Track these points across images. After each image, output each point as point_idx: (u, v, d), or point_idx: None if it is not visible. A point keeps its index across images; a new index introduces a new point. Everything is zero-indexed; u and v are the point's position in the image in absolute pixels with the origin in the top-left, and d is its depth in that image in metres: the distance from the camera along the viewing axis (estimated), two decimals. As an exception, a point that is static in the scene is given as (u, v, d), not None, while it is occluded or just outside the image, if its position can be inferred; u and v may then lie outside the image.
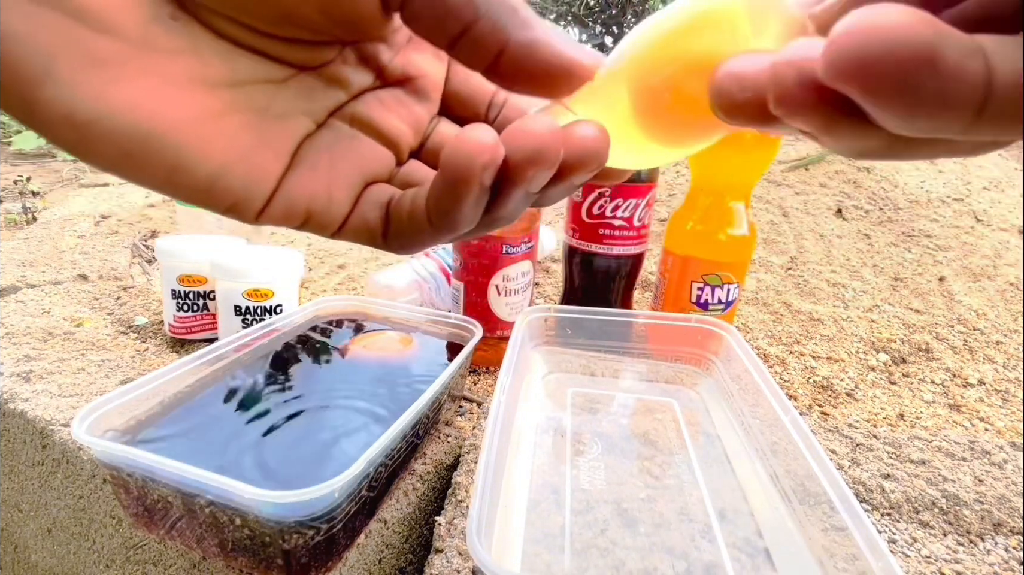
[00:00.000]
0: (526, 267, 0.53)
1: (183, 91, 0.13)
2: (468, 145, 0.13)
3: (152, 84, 0.13)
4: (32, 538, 0.49)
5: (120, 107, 0.12)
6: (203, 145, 0.14)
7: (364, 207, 0.17)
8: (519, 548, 0.29)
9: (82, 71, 0.12)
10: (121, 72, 0.12)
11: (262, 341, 0.46)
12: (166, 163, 0.14)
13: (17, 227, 1.01)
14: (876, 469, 0.42)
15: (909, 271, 0.75)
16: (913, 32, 0.09)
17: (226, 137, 0.14)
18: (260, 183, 0.15)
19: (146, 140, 0.13)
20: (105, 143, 0.13)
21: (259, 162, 0.15)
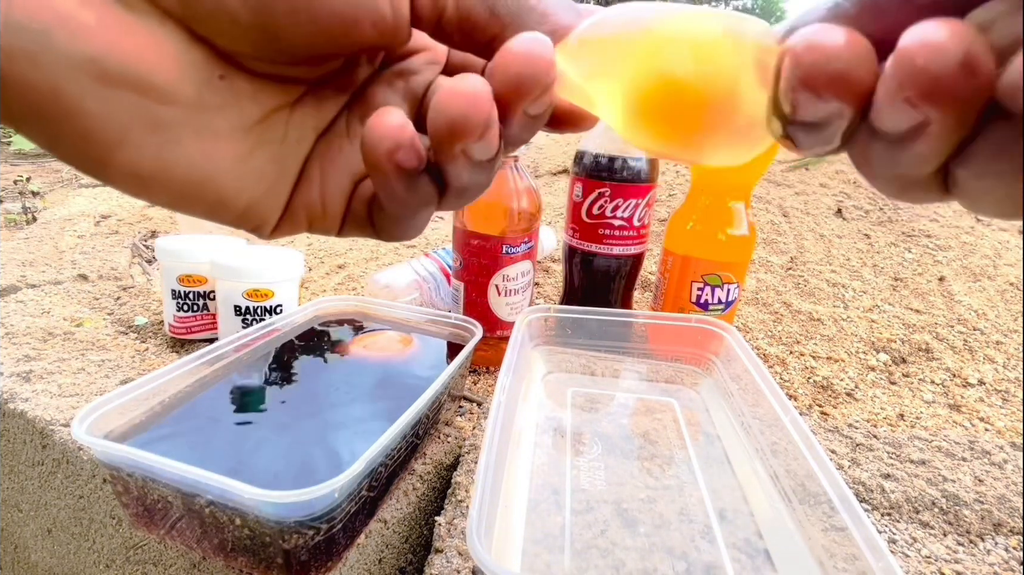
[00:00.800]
0: (526, 267, 0.53)
1: (226, 141, 0.15)
2: (373, 133, 0.14)
3: (203, 141, 0.15)
4: (32, 538, 0.49)
5: (177, 163, 0.14)
6: (239, 184, 0.16)
7: (356, 205, 0.18)
8: (519, 548, 0.29)
9: (148, 136, 0.14)
10: (179, 133, 0.14)
11: (262, 341, 0.46)
12: (210, 201, 0.16)
13: (17, 227, 1.01)
14: (876, 469, 0.42)
15: (909, 271, 0.75)
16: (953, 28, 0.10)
17: (257, 173, 0.16)
18: (277, 207, 0.17)
19: (196, 186, 0.15)
20: (162, 191, 0.15)
21: (279, 190, 0.17)
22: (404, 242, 0.91)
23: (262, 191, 0.16)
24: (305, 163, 0.17)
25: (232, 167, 0.15)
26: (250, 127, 0.16)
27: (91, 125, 0.13)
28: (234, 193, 0.16)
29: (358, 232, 0.18)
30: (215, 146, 0.15)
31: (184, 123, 0.14)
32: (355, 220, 0.18)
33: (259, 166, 0.16)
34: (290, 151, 0.17)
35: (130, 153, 0.14)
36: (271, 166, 0.16)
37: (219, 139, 0.15)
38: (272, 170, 0.16)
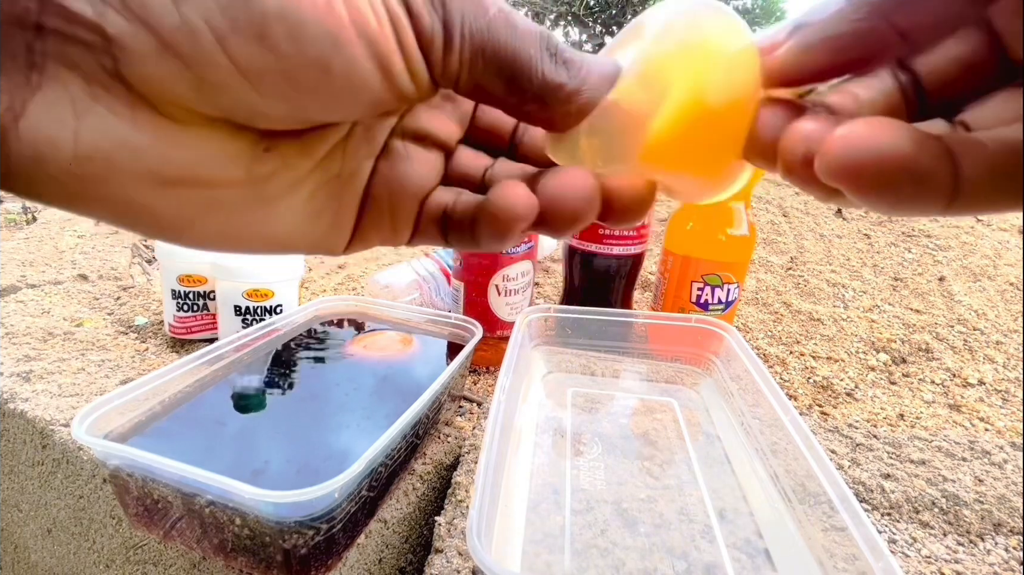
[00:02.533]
0: (526, 267, 0.53)
1: (282, 200, 0.16)
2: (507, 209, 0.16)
3: (259, 208, 0.16)
4: (32, 538, 0.49)
5: (242, 230, 0.16)
6: (303, 229, 0.17)
7: (424, 224, 0.19)
8: (519, 548, 0.29)
9: (211, 216, 0.15)
10: (237, 207, 0.16)
11: (262, 341, 0.46)
12: (278, 247, 0.17)
13: (17, 227, 1.01)
14: (876, 469, 0.42)
15: (909, 271, 0.75)
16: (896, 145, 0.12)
17: (317, 214, 0.17)
18: (343, 235, 0.18)
19: (262, 242, 0.17)
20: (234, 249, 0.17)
21: (341, 220, 0.18)
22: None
23: (325, 227, 0.18)
24: (368, 188, 0.18)
25: (292, 218, 0.17)
26: (305, 177, 0.17)
27: (160, 217, 0.15)
28: (299, 237, 0.17)
29: (427, 242, 0.19)
30: (273, 207, 0.16)
31: (241, 199, 0.16)
32: (426, 234, 0.19)
33: (318, 207, 0.17)
34: (348, 183, 0.18)
35: (197, 231, 0.15)
36: (330, 203, 0.18)
37: (276, 200, 0.16)
38: (332, 206, 0.18)
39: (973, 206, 0.12)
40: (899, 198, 0.12)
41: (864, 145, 0.12)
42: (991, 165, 0.12)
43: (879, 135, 0.12)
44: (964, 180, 0.12)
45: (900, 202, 0.12)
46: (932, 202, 0.12)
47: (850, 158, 0.12)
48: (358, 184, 0.18)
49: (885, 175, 0.12)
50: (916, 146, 0.12)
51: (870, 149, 0.12)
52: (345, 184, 0.18)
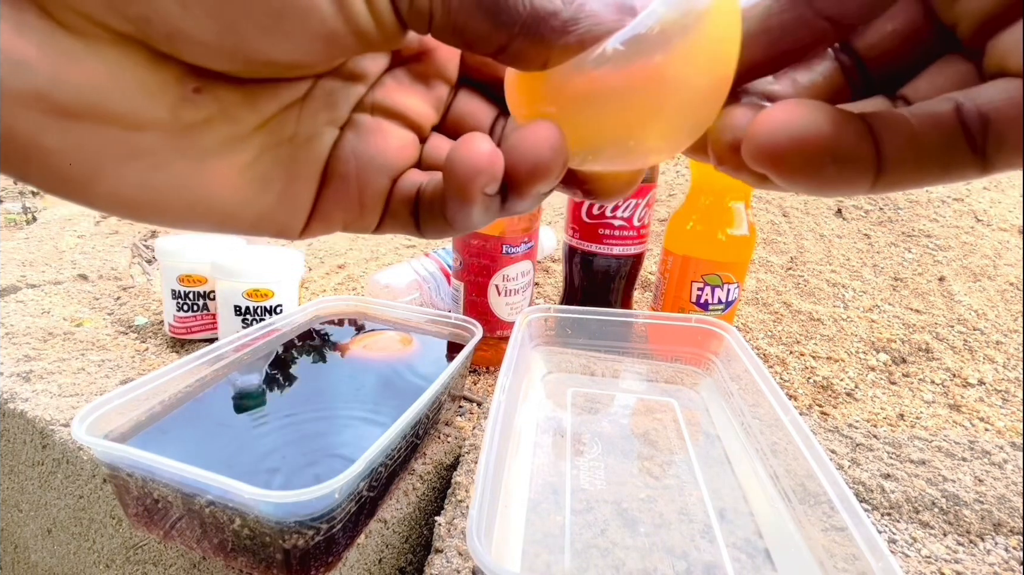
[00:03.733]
0: (526, 267, 0.53)
1: (219, 157, 0.14)
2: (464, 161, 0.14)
3: (189, 162, 0.14)
4: (32, 538, 0.49)
5: (165, 189, 0.13)
6: (245, 196, 0.15)
7: (395, 204, 0.17)
8: (519, 548, 0.29)
9: (124, 166, 0.13)
10: (159, 158, 0.13)
11: (262, 341, 0.46)
12: (215, 219, 0.15)
13: (17, 227, 1.01)
14: (876, 469, 0.42)
15: (909, 271, 0.75)
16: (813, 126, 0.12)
17: (263, 181, 0.15)
18: (297, 211, 0.16)
19: (193, 206, 0.14)
20: (157, 214, 0.14)
21: (294, 191, 0.16)
22: (405, 243, 0.91)
23: (274, 197, 0.15)
24: (332, 161, 0.16)
25: (231, 181, 0.14)
26: (249, 134, 0.14)
27: (56, 162, 0.12)
28: (239, 206, 0.15)
29: (396, 230, 0.18)
30: (207, 164, 0.14)
31: (164, 147, 0.13)
32: (395, 219, 0.17)
33: (265, 172, 0.15)
34: (302, 150, 0.16)
35: (109, 184, 0.13)
36: (279, 170, 0.15)
37: (211, 155, 0.14)
38: (281, 174, 0.15)
39: (899, 183, 0.12)
40: (822, 178, 0.12)
41: (782, 128, 0.12)
42: (914, 140, 0.12)
43: (796, 118, 0.12)
44: (887, 157, 0.12)
45: (823, 182, 0.12)
46: (856, 181, 0.12)
47: (770, 142, 0.12)
48: (317, 153, 0.16)
49: (805, 157, 0.12)
50: (834, 126, 0.12)
51: (788, 132, 0.12)
52: (299, 150, 0.16)
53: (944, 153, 0.12)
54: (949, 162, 0.12)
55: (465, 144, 0.14)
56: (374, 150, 0.17)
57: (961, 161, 0.12)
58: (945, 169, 0.12)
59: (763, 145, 0.12)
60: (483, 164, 0.14)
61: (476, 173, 0.14)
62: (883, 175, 0.12)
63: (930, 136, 0.12)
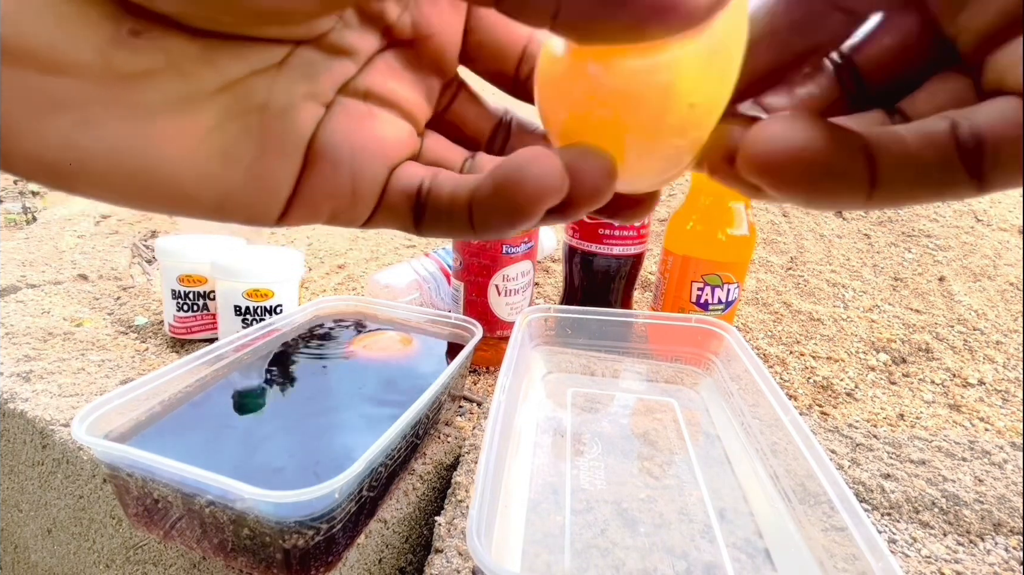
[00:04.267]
0: (526, 267, 0.53)
1: (168, 118, 0.12)
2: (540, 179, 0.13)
3: (129, 120, 0.12)
4: (32, 538, 0.49)
5: (98, 150, 0.11)
6: (201, 168, 0.13)
7: (391, 197, 0.16)
8: (519, 548, 0.29)
9: (45, 119, 0.11)
10: (89, 112, 0.11)
11: (262, 341, 0.46)
12: (167, 195, 0.13)
13: (17, 227, 1.01)
14: (876, 469, 0.42)
15: (909, 271, 0.75)
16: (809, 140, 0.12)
17: (226, 153, 0.13)
18: (272, 192, 0.14)
19: (135, 178, 0.12)
20: (93, 187, 0.12)
21: (268, 169, 0.14)
22: (405, 243, 0.91)
23: (240, 174, 0.13)
24: (319, 143, 0.15)
25: (183, 149, 0.12)
26: (208, 96, 0.12)
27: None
28: (198, 180, 0.13)
29: (389, 224, 0.16)
30: (151, 125, 0.12)
31: (93, 98, 0.11)
32: (390, 212, 0.16)
33: (229, 143, 0.13)
34: (276, 122, 0.14)
35: (27, 141, 0.11)
36: (247, 142, 0.13)
37: (155, 115, 0.12)
38: (250, 146, 0.13)
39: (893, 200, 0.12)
40: (816, 192, 0.12)
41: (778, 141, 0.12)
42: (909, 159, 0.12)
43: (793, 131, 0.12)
44: (881, 175, 0.12)
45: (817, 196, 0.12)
46: (850, 196, 0.12)
47: (765, 153, 0.12)
48: (296, 129, 0.14)
49: (800, 170, 0.12)
50: (830, 141, 0.12)
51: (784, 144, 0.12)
52: (273, 121, 0.14)
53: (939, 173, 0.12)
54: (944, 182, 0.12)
55: (538, 160, 0.13)
56: (370, 136, 0.15)
57: (957, 181, 0.12)
58: (940, 188, 0.12)
59: (758, 156, 0.12)
60: (556, 185, 0.13)
61: (548, 192, 0.13)
62: (877, 192, 0.12)
63: (926, 155, 0.12)
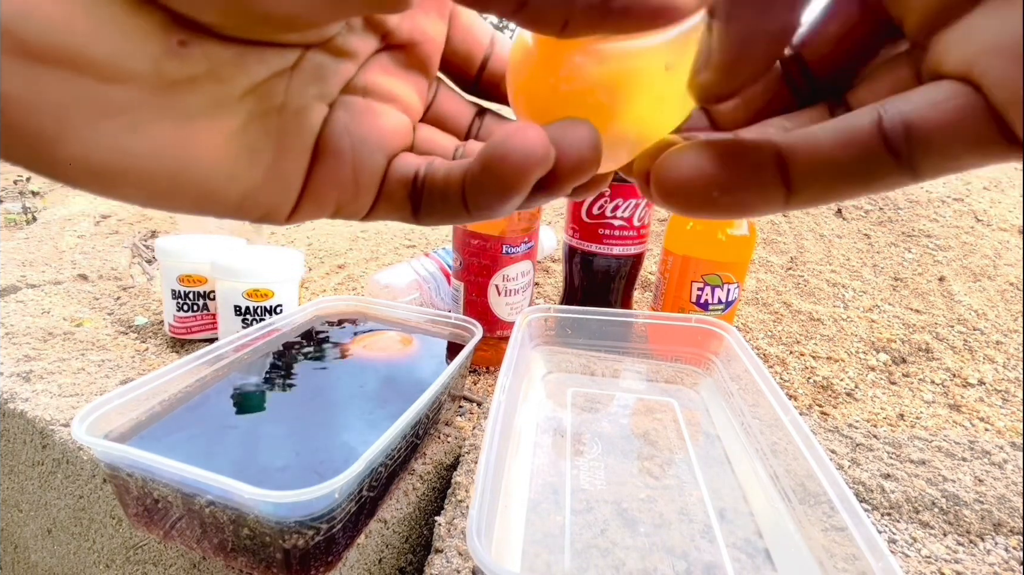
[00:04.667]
0: (526, 267, 0.53)
1: (205, 120, 0.13)
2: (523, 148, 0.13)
3: (172, 124, 0.12)
4: (32, 538, 0.49)
5: (143, 153, 0.12)
6: (230, 168, 0.14)
7: (390, 186, 0.16)
8: (519, 548, 0.29)
9: (97, 125, 0.11)
10: (138, 117, 0.12)
11: (262, 341, 0.46)
12: (195, 194, 0.13)
13: (17, 227, 1.01)
14: (876, 469, 0.41)
15: (909, 271, 0.75)
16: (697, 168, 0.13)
17: (250, 152, 0.14)
18: (287, 189, 0.15)
19: (174, 179, 0.13)
20: (133, 188, 0.13)
21: (284, 168, 0.15)
22: (405, 243, 0.91)
23: (261, 173, 0.14)
24: (324, 138, 0.15)
25: (217, 149, 0.13)
26: (237, 99, 0.13)
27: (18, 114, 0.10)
28: (224, 180, 0.14)
29: (389, 215, 0.17)
30: (191, 128, 0.13)
31: (143, 104, 0.12)
32: (389, 202, 0.16)
33: (252, 143, 0.14)
34: (292, 123, 0.15)
35: (76, 146, 0.11)
36: (268, 142, 0.14)
37: (195, 119, 0.13)
38: (270, 146, 0.14)
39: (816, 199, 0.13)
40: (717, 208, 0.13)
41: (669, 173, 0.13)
42: (822, 161, 0.12)
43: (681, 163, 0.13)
44: (796, 179, 0.12)
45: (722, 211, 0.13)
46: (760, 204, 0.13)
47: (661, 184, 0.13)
48: (307, 127, 0.15)
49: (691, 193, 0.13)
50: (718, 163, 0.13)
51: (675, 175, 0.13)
52: (289, 122, 0.15)
53: (860, 169, 0.12)
54: (868, 175, 0.12)
55: (520, 132, 0.13)
56: (368, 128, 0.16)
57: (884, 173, 0.12)
58: (864, 182, 0.12)
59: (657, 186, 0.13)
60: (540, 153, 0.13)
61: (534, 162, 0.13)
62: (795, 195, 0.12)
63: (843, 154, 0.12)
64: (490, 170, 0.14)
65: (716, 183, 0.13)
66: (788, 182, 0.12)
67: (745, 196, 0.13)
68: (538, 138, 0.13)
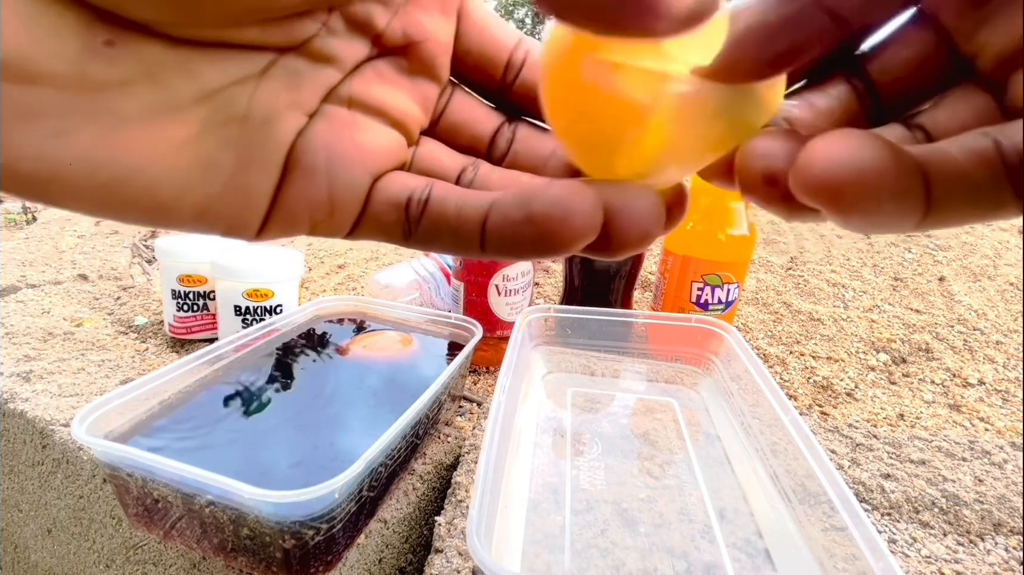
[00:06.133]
0: (526, 267, 0.53)
1: (142, 125, 0.12)
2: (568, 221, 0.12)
3: (102, 130, 0.11)
4: (32, 538, 0.49)
5: (73, 161, 0.11)
6: (179, 179, 0.13)
7: (376, 207, 0.15)
8: (519, 548, 0.29)
9: (18, 129, 0.11)
10: (62, 122, 0.11)
11: (262, 341, 0.46)
12: (144, 206, 0.13)
13: (17, 227, 1.01)
14: (876, 469, 0.42)
15: (909, 271, 0.75)
16: (876, 160, 0.11)
17: (205, 163, 0.13)
18: (252, 204, 0.14)
19: (110, 189, 0.12)
20: (68, 198, 0.12)
21: (247, 182, 0.14)
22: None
23: (220, 186, 0.13)
24: (296, 151, 0.14)
25: (161, 160, 0.12)
26: (185, 106, 0.12)
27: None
28: (173, 192, 0.13)
29: (376, 237, 0.16)
30: (125, 135, 0.12)
31: (66, 108, 0.11)
32: (375, 223, 0.15)
33: (209, 154, 0.13)
34: (257, 133, 0.13)
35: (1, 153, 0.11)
36: (229, 153, 0.13)
37: (132, 124, 0.12)
38: (231, 158, 0.13)
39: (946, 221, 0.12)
40: (878, 215, 0.11)
41: (842, 161, 0.11)
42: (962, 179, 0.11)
43: (856, 150, 0.11)
44: (937, 196, 0.11)
45: (878, 219, 0.11)
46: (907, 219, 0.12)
47: (827, 175, 0.11)
48: (276, 139, 0.14)
49: (865, 192, 0.11)
50: (895, 162, 0.11)
51: (850, 165, 0.11)
52: (255, 133, 0.13)
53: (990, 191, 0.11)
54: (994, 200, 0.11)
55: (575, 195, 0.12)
56: (348, 144, 0.15)
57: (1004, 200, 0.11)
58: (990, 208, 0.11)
59: (819, 178, 0.11)
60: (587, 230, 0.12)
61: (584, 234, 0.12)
62: (932, 213, 0.11)
63: (979, 174, 0.11)
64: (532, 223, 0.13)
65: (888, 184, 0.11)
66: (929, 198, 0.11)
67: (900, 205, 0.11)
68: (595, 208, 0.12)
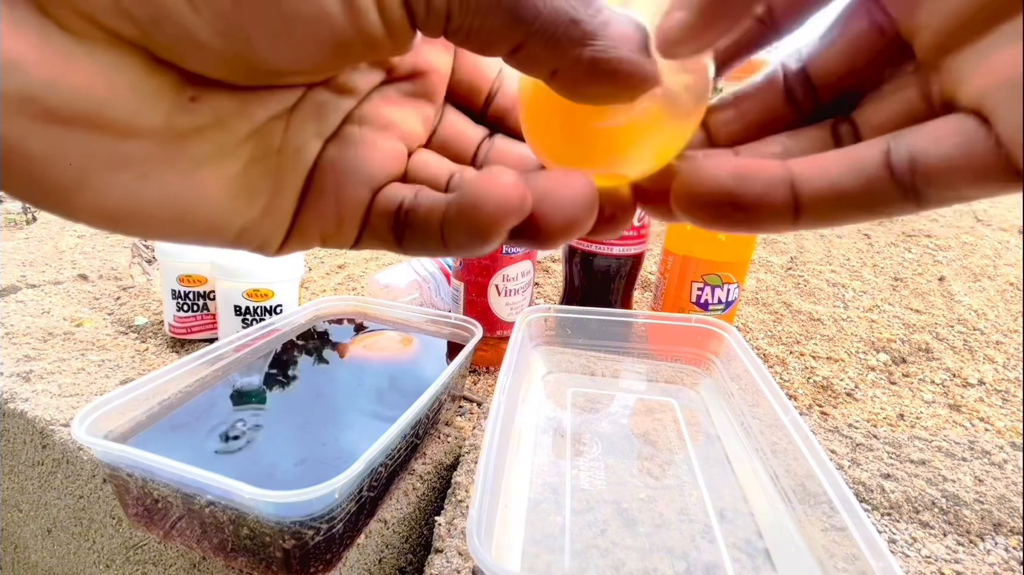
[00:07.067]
0: (526, 267, 0.53)
1: (210, 167, 0.14)
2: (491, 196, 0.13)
3: (182, 171, 0.13)
4: (32, 538, 0.49)
5: (153, 199, 0.13)
6: (230, 208, 0.14)
7: (375, 218, 0.16)
8: (519, 548, 0.29)
9: (112, 175, 0.12)
10: (149, 168, 0.13)
11: (262, 341, 0.46)
12: (199, 231, 0.14)
13: (17, 227, 1.01)
14: (876, 469, 0.41)
15: (909, 271, 0.75)
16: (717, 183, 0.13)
17: (250, 193, 0.15)
18: (280, 224, 0.16)
19: (181, 220, 0.14)
20: (142, 227, 0.13)
21: (279, 205, 0.15)
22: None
23: (259, 210, 0.15)
24: (313, 173, 0.16)
25: (220, 192, 0.14)
26: (238, 144, 0.14)
27: (40, 170, 0.11)
28: (225, 218, 0.14)
29: (375, 246, 0.17)
30: (197, 174, 0.13)
31: (155, 156, 0.13)
32: (374, 234, 0.16)
33: (252, 184, 0.15)
34: (289, 162, 0.15)
35: (92, 194, 0.12)
36: (266, 182, 0.15)
37: (201, 165, 0.13)
38: (268, 186, 0.15)
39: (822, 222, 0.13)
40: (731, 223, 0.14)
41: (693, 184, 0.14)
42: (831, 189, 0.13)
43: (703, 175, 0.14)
44: (804, 203, 0.13)
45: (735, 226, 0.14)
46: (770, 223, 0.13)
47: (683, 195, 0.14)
48: (302, 165, 0.15)
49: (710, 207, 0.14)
50: (735, 181, 0.13)
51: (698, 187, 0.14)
52: (286, 162, 0.15)
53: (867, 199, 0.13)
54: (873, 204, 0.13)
55: (493, 179, 0.13)
56: (354, 160, 0.16)
57: (888, 202, 0.13)
58: (870, 210, 0.13)
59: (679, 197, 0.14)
60: (514, 205, 0.13)
61: (506, 213, 0.13)
62: (802, 217, 0.13)
63: (850, 184, 0.13)
64: (462, 214, 0.14)
65: (729, 199, 0.13)
66: (797, 206, 0.13)
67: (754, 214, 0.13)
68: (514, 188, 0.13)
